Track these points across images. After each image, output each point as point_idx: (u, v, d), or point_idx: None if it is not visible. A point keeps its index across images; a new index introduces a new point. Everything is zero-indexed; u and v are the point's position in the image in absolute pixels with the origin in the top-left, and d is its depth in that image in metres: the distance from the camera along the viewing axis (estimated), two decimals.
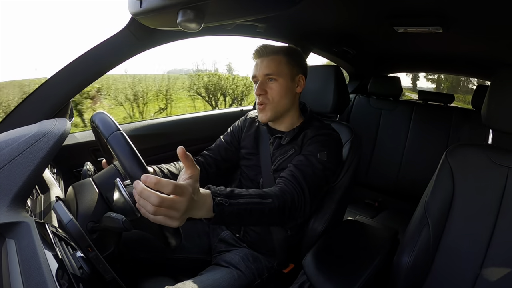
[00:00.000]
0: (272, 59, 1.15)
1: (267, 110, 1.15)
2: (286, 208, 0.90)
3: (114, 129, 0.72)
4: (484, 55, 1.92)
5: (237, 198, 0.79)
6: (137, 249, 1.12)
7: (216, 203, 0.73)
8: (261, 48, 1.16)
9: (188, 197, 0.62)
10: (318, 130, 1.14)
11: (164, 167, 1.13)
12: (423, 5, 1.21)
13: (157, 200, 0.58)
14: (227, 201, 0.75)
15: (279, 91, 1.14)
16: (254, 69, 1.18)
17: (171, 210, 0.60)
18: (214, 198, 0.73)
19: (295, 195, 0.94)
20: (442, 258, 0.99)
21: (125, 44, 1.19)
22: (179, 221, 0.63)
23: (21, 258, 0.47)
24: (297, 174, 1.00)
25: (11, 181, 0.57)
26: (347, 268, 1.01)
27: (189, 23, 0.73)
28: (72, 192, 0.79)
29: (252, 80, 1.20)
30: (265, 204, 0.85)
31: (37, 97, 1.10)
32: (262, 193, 0.87)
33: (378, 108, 2.50)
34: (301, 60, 1.22)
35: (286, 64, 1.15)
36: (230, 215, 0.75)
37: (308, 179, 1.00)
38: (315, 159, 1.05)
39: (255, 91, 1.15)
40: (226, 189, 0.79)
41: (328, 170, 1.07)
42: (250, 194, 0.83)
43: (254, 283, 1.09)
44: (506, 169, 0.93)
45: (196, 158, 1.30)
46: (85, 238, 0.61)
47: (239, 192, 0.81)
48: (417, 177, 2.17)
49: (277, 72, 1.13)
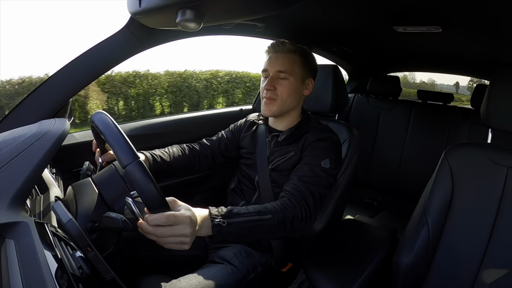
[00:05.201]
0: (287, 57, 1.15)
1: (273, 105, 1.15)
2: (287, 223, 0.92)
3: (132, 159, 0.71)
4: (484, 55, 1.92)
5: (235, 217, 0.83)
6: (136, 247, 1.13)
7: (214, 224, 0.78)
8: (278, 44, 1.17)
9: (188, 222, 0.69)
10: (319, 134, 1.14)
11: (157, 153, 1.17)
12: (422, 5, 1.21)
13: (160, 233, 0.67)
14: (225, 222, 0.80)
15: (288, 90, 1.15)
16: (267, 63, 1.18)
17: (177, 237, 0.68)
18: (212, 220, 0.78)
19: (298, 208, 0.96)
20: (441, 257, 0.99)
21: (124, 43, 1.19)
22: (188, 244, 0.71)
23: (21, 258, 0.47)
24: (301, 187, 1.01)
25: (11, 181, 0.57)
26: (346, 267, 1.01)
27: (189, 23, 0.73)
28: (72, 192, 0.79)
29: (262, 73, 1.21)
30: (264, 220, 0.88)
31: (36, 97, 1.10)
32: (262, 210, 0.90)
33: (377, 107, 2.51)
34: (314, 64, 1.24)
35: (300, 65, 1.16)
36: (229, 235, 0.80)
37: (313, 190, 1.02)
38: (319, 169, 1.06)
39: (265, 85, 1.15)
40: (224, 209, 0.83)
41: (331, 177, 1.09)
42: (250, 212, 0.86)
43: (248, 277, 1.10)
44: (506, 168, 0.93)
45: (192, 146, 1.32)
46: (84, 238, 0.61)
47: (238, 211, 0.85)
48: (416, 176, 2.18)
49: (290, 71, 1.14)
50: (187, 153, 1.27)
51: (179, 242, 0.69)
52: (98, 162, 1.00)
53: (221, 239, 0.81)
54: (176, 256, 1.18)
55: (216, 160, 1.34)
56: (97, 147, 1.01)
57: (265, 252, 1.17)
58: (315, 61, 1.25)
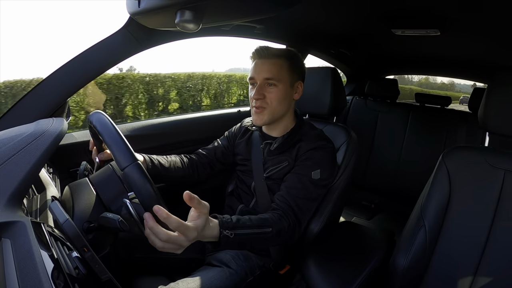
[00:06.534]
0: (273, 63, 1.11)
1: (264, 114, 1.13)
2: (282, 233, 0.96)
3: (131, 161, 0.71)
4: (482, 58, 1.94)
5: (241, 229, 0.85)
6: (132, 248, 1.12)
7: (223, 236, 0.80)
8: (262, 50, 1.13)
9: (192, 238, 0.70)
10: (313, 143, 1.13)
11: (155, 157, 1.15)
12: (421, 8, 1.22)
13: (166, 237, 0.66)
14: (232, 234, 0.82)
15: (278, 97, 1.12)
16: (253, 70, 1.14)
17: (176, 244, 0.68)
18: (221, 231, 0.80)
19: (290, 221, 1.00)
20: (438, 260, 0.99)
21: (123, 43, 1.19)
22: (182, 249, 0.71)
23: (17, 258, 0.47)
24: (290, 201, 1.04)
25: (7, 180, 0.57)
26: (344, 269, 1.01)
27: (187, 24, 0.73)
28: (69, 192, 0.79)
29: (249, 81, 1.17)
30: (266, 233, 0.92)
31: (34, 96, 1.09)
32: (263, 223, 0.93)
33: (375, 110, 2.51)
34: (302, 66, 1.21)
35: (287, 70, 1.13)
36: (232, 244, 0.83)
37: (300, 203, 1.05)
38: (308, 180, 1.08)
39: (253, 95, 1.12)
40: (232, 219, 0.85)
41: (320, 188, 1.12)
42: (253, 225, 0.90)
43: (246, 280, 1.09)
44: (503, 171, 0.94)
45: (190, 156, 1.31)
46: (81, 238, 0.61)
47: (244, 223, 0.87)
48: (413, 179, 2.18)
49: (278, 78, 1.11)
50: (186, 163, 1.26)
51: (173, 248, 0.69)
52: (95, 161, 0.99)
53: (223, 248, 0.83)
54: (173, 259, 1.18)
55: (214, 168, 1.33)
56: (94, 146, 1.01)
57: (263, 255, 1.17)
58: (302, 62, 1.22)
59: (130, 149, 0.71)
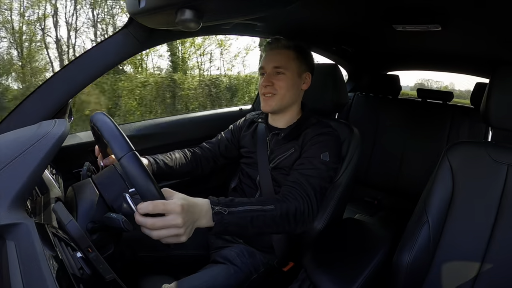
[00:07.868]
0: (282, 53, 1.18)
1: (272, 100, 1.17)
2: (291, 215, 0.92)
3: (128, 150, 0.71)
4: (483, 53, 1.92)
5: (236, 206, 0.81)
6: (137, 247, 1.13)
7: (215, 212, 0.76)
8: (273, 41, 1.20)
9: (179, 211, 0.66)
10: (318, 130, 1.15)
11: (160, 158, 1.17)
12: (422, 3, 1.21)
13: (150, 223, 0.64)
14: (226, 210, 0.78)
15: (286, 84, 1.16)
16: (263, 60, 1.21)
17: (169, 228, 0.66)
18: (213, 207, 0.76)
19: (300, 201, 0.96)
20: (442, 256, 0.99)
21: (124, 44, 1.19)
22: (185, 236, 0.68)
23: (21, 260, 0.47)
24: (302, 180, 1.02)
25: (11, 182, 0.57)
26: (348, 266, 1.01)
27: (188, 23, 0.73)
28: (72, 193, 0.79)
29: (259, 71, 1.23)
30: (267, 211, 0.87)
31: (36, 98, 1.10)
32: (264, 200, 0.89)
33: (377, 106, 2.50)
34: (310, 59, 1.26)
35: (295, 60, 1.18)
36: (230, 224, 0.78)
37: (313, 183, 1.02)
38: (318, 161, 1.07)
39: (262, 82, 1.17)
40: (225, 198, 0.82)
41: (331, 170, 1.10)
42: (251, 202, 0.86)
43: (251, 277, 1.10)
44: (506, 166, 0.93)
45: (193, 150, 1.32)
46: (85, 238, 0.61)
47: (240, 200, 0.84)
48: (416, 175, 2.17)
49: (285, 66, 1.16)
50: (189, 158, 1.27)
51: (174, 234, 0.67)
52: (100, 165, 1.00)
53: (222, 229, 0.78)
54: (178, 257, 1.18)
55: (218, 162, 1.35)
56: (99, 152, 1.02)
57: (267, 252, 1.17)
58: (311, 56, 1.27)
59: (127, 140, 0.71)
